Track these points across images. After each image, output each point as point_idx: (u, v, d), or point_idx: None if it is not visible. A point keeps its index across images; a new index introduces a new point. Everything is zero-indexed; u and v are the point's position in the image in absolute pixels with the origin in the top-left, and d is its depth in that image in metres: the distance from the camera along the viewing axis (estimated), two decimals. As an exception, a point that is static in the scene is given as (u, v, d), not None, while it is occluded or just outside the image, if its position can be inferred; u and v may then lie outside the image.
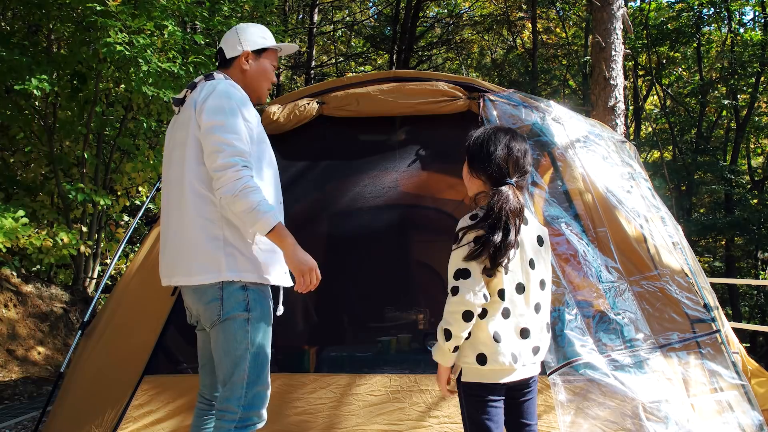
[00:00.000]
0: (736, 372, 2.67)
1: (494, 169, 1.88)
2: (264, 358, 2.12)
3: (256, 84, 2.42)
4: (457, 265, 1.81)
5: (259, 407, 2.10)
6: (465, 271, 1.79)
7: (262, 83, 2.43)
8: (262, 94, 2.45)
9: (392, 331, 3.37)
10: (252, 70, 2.40)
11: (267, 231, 2.03)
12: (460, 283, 1.79)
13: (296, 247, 2.08)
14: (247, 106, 2.20)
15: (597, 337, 2.67)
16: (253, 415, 2.08)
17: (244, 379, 2.07)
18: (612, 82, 6.53)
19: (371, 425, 2.80)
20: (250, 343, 2.08)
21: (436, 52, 18.76)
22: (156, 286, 3.12)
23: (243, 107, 2.17)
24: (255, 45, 2.40)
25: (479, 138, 1.96)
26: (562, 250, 2.85)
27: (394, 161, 3.51)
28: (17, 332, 6.61)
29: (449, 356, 1.85)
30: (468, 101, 3.26)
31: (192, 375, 3.06)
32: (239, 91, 2.23)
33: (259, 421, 2.11)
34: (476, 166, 1.92)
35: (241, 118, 2.14)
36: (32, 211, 7.31)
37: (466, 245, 1.80)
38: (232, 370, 2.07)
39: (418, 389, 2.85)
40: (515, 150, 1.91)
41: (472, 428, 1.87)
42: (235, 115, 2.12)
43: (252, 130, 2.19)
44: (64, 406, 2.97)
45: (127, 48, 6.17)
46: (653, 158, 17.40)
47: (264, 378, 2.12)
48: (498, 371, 1.83)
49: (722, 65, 15.49)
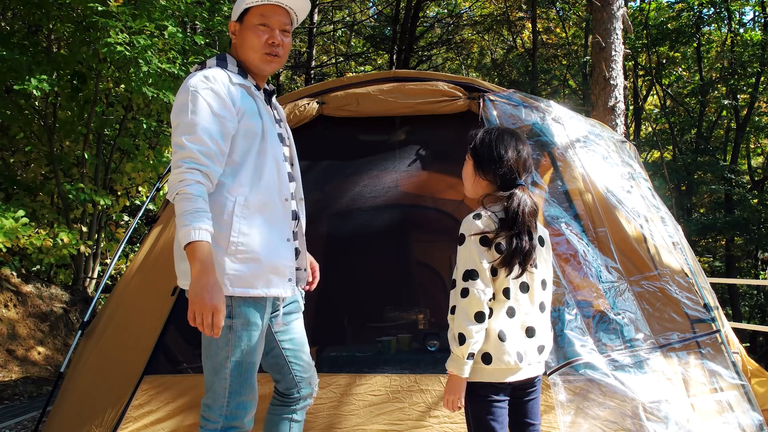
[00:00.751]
0: (736, 372, 2.67)
1: (505, 170, 1.89)
2: (248, 367, 1.99)
3: (244, 56, 2.08)
4: (465, 266, 1.82)
5: (242, 417, 1.99)
6: (473, 272, 1.80)
7: (248, 53, 2.07)
8: (257, 65, 2.08)
9: (392, 331, 3.37)
10: (238, 42, 2.09)
11: (184, 245, 1.79)
12: (469, 284, 1.80)
13: (202, 276, 1.76)
14: (218, 98, 1.92)
15: (597, 337, 2.67)
16: (236, 425, 1.98)
17: (226, 388, 1.96)
18: (612, 82, 6.53)
19: (371, 425, 2.80)
20: (231, 351, 1.95)
21: (436, 52, 18.76)
22: (156, 286, 3.13)
23: (213, 101, 1.91)
24: (236, 12, 2.09)
25: (487, 140, 1.95)
26: (562, 250, 2.85)
27: (394, 161, 3.51)
28: (17, 332, 6.61)
29: (464, 365, 1.80)
30: (468, 101, 3.26)
31: (192, 375, 3.06)
32: (211, 82, 1.94)
33: (242, 430, 2.00)
34: (485, 168, 1.92)
35: (207, 113, 1.89)
36: (32, 211, 7.32)
37: (474, 247, 1.81)
38: (213, 377, 1.98)
39: (418, 389, 2.85)
40: (524, 152, 1.94)
41: (477, 429, 1.87)
42: (195, 112, 1.88)
43: (226, 124, 1.93)
44: (64, 406, 2.97)
45: (128, 48, 6.18)
46: (653, 158, 17.40)
47: (248, 388, 2.00)
48: (503, 370, 1.83)
49: (722, 65, 15.49)
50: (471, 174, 1.97)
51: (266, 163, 2.01)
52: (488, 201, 1.91)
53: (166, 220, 3.31)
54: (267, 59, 2.08)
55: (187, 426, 2.83)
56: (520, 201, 1.85)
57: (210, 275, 1.77)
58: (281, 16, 2.10)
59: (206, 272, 1.77)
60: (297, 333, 2.24)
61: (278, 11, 2.09)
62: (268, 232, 1.98)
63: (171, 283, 3.11)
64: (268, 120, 2.07)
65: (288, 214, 2.07)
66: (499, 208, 1.88)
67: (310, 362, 2.27)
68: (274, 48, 2.08)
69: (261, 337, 2.03)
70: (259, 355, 2.04)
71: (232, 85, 2.00)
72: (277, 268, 2.01)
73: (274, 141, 2.06)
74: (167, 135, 8.73)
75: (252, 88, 2.08)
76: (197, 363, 2.35)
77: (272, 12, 2.08)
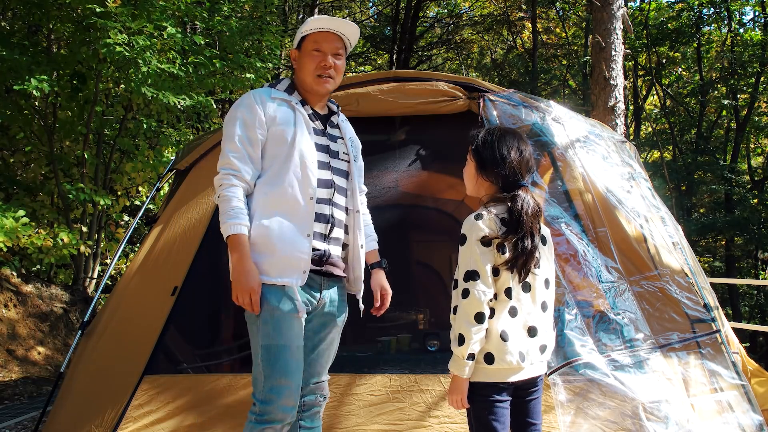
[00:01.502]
0: (736, 372, 2.67)
1: (509, 172, 1.90)
2: (277, 351, 2.09)
3: (301, 78, 2.33)
4: (466, 267, 1.82)
5: (275, 402, 2.06)
6: (474, 273, 1.80)
7: (304, 75, 2.31)
8: (311, 86, 2.30)
9: (392, 331, 3.37)
10: (297, 67, 2.34)
11: (225, 237, 2.10)
12: (470, 285, 1.80)
13: (240, 263, 2.06)
14: (251, 110, 2.20)
15: (597, 337, 2.67)
16: (271, 410, 2.06)
17: (261, 373, 2.10)
18: (612, 82, 6.53)
19: (371, 425, 2.80)
20: (260, 337, 2.12)
21: (436, 52, 18.77)
22: (156, 286, 3.14)
23: (247, 113, 2.20)
24: (296, 40, 2.34)
25: (489, 141, 1.95)
26: (562, 250, 2.85)
27: (394, 161, 3.51)
28: (17, 332, 6.61)
29: (465, 365, 1.81)
30: (468, 101, 3.26)
31: (192, 375, 3.06)
32: (249, 98, 2.24)
33: (278, 414, 2.06)
34: (488, 169, 1.93)
35: (240, 125, 2.19)
36: (32, 211, 7.32)
37: (476, 247, 1.81)
38: (254, 367, 2.14)
39: (418, 389, 2.85)
40: (526, 152, 1.95)
41: (479, 429, 1.86)
42: (233, 123, 2.20)
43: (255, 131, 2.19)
44: (64, 406, 2.97)
45: (127, 49, 6.18)
46: (653, 158, 17.40)
47: (278, 371, 2.08)
48: (506, 370, 1.83)
49: (722, 65, 15.49)
50: (473, 175, 1.98)
51: (291, 165, 2.19)
52: (490, 201, 1.91)
53: (166, 220, 3.31)
54: (319, 81, 2.30)
55: (187, 426, 2.83)
56: (524, 203, 1.85)
57: (246, 262, 2.06)
58: (333, 42, 2.32)
59: (243, 260, 2.06)
60: (325, 341, 2.33)
61: (330, 37, 2.31)
62: (285, 227, 2.15)
63: (171, 283, 3.12)
64: (302, 129, 2.24)
65: (311, 213, 2.20)
66: (500, 209, 1.88)
67: (324, 375, 2.36)
68: (325, 70, 2.29)
69: (288, 322, 2.12)
70: (290, 339, 2.12)
71: (268, 98, 2.26)
72: (291, 260, 2.14)
73: (304, 147, 2.22)
74: (167, 135, 8.74)
75: (294, 102, 2.30)
76: (197, 363, 2.37)
77: (324, 38, 2.30)
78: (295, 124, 2.24)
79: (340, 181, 2.33)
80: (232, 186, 2.14)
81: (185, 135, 8.88)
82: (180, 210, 3.30)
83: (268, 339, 2.11)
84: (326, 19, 2.31)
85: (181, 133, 8.92)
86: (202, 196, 3.30)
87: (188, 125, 9.92)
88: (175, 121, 8.86)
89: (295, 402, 2.11)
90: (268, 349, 2.10)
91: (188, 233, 3.22)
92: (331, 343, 2.37)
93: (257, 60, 8.22)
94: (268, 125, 2.21)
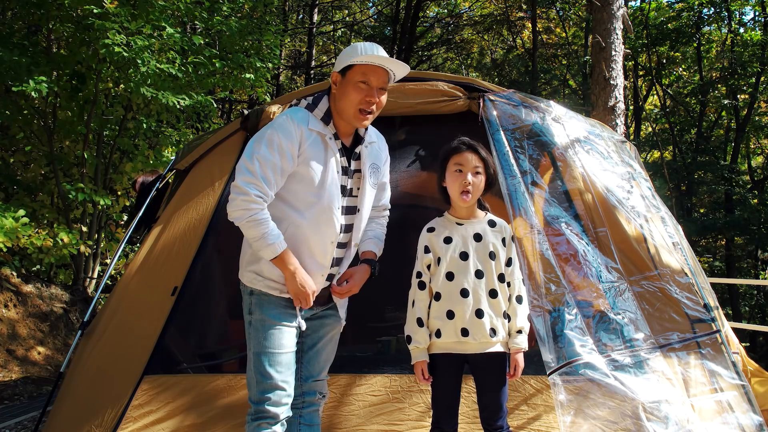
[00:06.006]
0: (736, 372, 2.67)
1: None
2: (267, 357, 2.17)
3: (341, 106, 2.24)
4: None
5: (265, 402, 2.15)
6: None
7: (345, 105, 2.22)
8: (350, 119, 2.24)
9: (392, 331, 3.37)
10: (338, 93, 2.25)
11: (272, 258, 2.14)
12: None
13: (297, 272, 2.15)
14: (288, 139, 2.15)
15: (597, 337, 2.67)
16: (262, 411, 2.15)
17: (254, 377, 2.18)
18: (612, 82, 6.53)
19: (371, 425, 2.80)
20: (252, 344, 2.21)
21: (436, 52, 18.77)
22: (156, 286, 3.14)
23: (285, 141, 2.15)
24: (340, 64, 2.25)
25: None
26: (562, 250, 2.84)
27: (394, 161, 3.49)
28: (17, 332, 6.61)
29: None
30: (468, 101, 3.26)
31: (192, 375, 3.06)
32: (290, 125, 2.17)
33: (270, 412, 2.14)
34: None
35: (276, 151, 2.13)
36: (32, 210, 7.32)
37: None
38: (249, 367, 2.21)
39: (418, 389, 2.85)
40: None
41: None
42: (269, 145, 2.14)
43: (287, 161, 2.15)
44: (64, 406, 2.97)
45: (125, 49, 6.18)
46: (653, 158, 17.39)
47: (268, 376, 2.16)
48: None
49: (722, 65, 15.49)
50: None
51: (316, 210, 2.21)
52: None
53: (166, 220, 3.31)
54: (360, 117, 2.23)
55: (187, 426, 2.83)
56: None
57: (301, 271, 2.17)
58: (381, 77, 2.24)
59: (298, 270, 2.16)
60: (324, 339, 2.39)
61: (379, 72, 2.23)
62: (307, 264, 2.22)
63: (171, 283, 3.12)
64: (331, 171, 2.23)
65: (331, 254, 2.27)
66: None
67: (323, 373, 2.41)
68: (369, 106, 2.22)
69: (283, 331, 2.21)
70: (283, 346, 2.20)
71: (306, 129, 2.20)
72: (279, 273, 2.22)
73: (330, 192, 2.23)
74: (167, 135, 8.74)
75: (327, 137, 2.24)
76: (197, 363, 2.38)
77: (373, 72, 2.22)
78: (325, 164, 2.21)
79: (349, 219, 2.33)
80: (263, 210, 2.12)
81: (185, 135, 8.88)
82: (180, 210, 3.30)
83: (258, 346, 2.19)
84: (378, 55, 2.21)
85: (181, 133, 8.92)
86: (202, 196, 3.30)
87: (188, 125, 9.92)
88: (175, 121, 8.86)
89: (288, 401, 2.19)
90: (259, 355, 2.18)
91: (188, 233, 3.22)
92: (330, 341, 2.40)
93: (257, 60, 8.22)
94: (299, 161, 2.18)
